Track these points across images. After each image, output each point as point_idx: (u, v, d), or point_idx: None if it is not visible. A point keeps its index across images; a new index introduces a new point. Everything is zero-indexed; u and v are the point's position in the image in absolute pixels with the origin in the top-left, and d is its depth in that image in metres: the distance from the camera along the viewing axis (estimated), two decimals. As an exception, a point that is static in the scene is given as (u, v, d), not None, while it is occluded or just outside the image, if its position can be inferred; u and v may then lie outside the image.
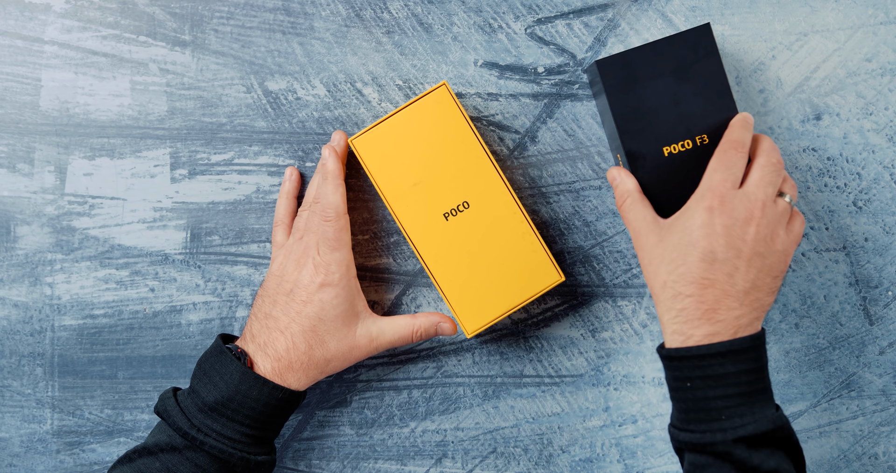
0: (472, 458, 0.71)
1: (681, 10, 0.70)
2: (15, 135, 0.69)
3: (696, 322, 0.56)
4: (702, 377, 0.55)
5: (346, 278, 0.63)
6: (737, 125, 0.62)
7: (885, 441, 0.71)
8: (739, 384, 0.55)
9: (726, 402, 0.55)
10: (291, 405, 0.62)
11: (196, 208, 0.70)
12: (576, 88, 0.70)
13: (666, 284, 0.58)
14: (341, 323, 0.63)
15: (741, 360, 0.55)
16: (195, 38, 0.70)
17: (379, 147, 0.64)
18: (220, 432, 0.60)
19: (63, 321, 0.70)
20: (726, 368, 0.55)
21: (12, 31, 0.69)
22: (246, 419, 0.60)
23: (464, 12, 0.70)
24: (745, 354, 0.55)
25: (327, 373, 0.64)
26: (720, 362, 0.55)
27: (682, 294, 0.57)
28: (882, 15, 0.71)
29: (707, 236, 0.56)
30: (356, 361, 0.65)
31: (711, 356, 0.55)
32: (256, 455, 0.61)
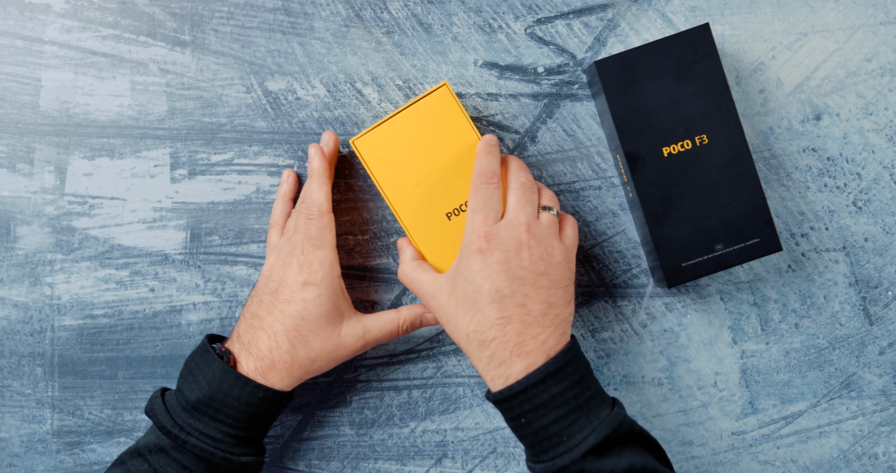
0: (472, 458, 0.71)
1: (681, 10, 0.70)
2: (15, 135, 0.69)
3: (509, 362, 0.56)
4: (531, 410, 0.56)
5: (328, 278, 0.62)
6: (482, 154, 0.62)
7: (885, 441, 0.71)
8: (567, 401, 0.55)
9: (562, 423, 0.55)
10: (276, 406, 0.61)
11: (196, 208, 0.70)
12: (576, 88, 0.70)
13: (468, 336, 0.58)
14: (325, 322, 0.62)
15: (560, 378, 0.56)
16: (195, 38, 0.70)
17: (381, 147, 0.64)
18: (202, 431, 0.59)
19: (63, 321, 0.70)
20: (550, 392, 0.55)
21: (12, 31, 0.69)
22: (228, 418, 0.59)
23: (464, 12, 0.70)
24: (561, 371, 0.56)
25: (312, 373, 0.63)
26: (541, 388, 0.55)
27: (486, 341, 0.57)
28: (882, 15, 0.71)
29: (487, 277, 0.57)
30: (342, 360, 0.64)
31: (531, 386, 0.55)
32: (240, 456, 0.60)
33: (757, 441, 0.71)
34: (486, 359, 0.57)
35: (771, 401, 0.71)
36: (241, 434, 0.60)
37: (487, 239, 0.58)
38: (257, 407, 0.60)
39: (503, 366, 0.56)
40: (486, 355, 0.57)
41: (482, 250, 0.58)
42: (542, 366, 0.55)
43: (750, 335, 0.71)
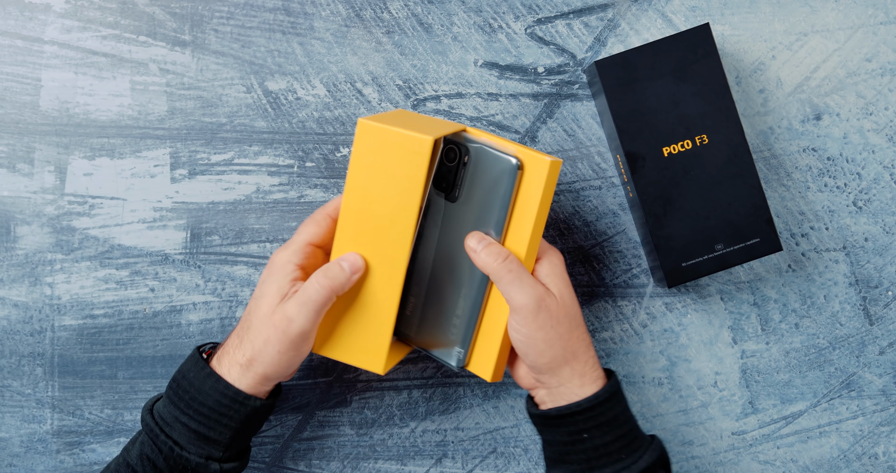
0: (472, 458, 0.71)
1: (681, 10, 0.70)
2: (15, 135, 0.69)
3: (598, 364, 0.61)
4: (596, 426, 0.58)
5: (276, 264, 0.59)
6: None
7: (885, 441, 0.71)
8: (627, 420, 0.60)
9: (622, 442, 0.59)
10: (229, 401, 0.58)
11: (196, 208, 0.70)
12: (576, 88, 0.70)
13: (580, 337, 0.60)
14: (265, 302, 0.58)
15: (620, 398, 0.60)
16: (195, 38, 0.70)
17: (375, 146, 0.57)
18: (160, 413, 0.59)
19: (63, 321, 0.70)
20: (614, 410, 0.59)
21: (12, 31, 0.69)
22: (180, 401, 0.59)
23: (464, 12, 0.70)
24: (619, 393, 0.60)
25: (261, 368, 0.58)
26: (611, 404, 0.59)
27: (590, 343, 0.61)
28: (882, 15, 0.71)
29: (574, 301, 0.60)
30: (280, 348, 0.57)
31: (606, 400, 0.59)
32: (183, 450, 0.58)
33: (757, 441, 0.71)
34: (593, 360, 0.60)
35: (771, 401, 0.71)
36: (191, 424, 0.58)
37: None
38: (207, 396, 0.58)
39: (598, 366, 0.60)
40: (592, 354, 0.60)
41: (567, 283, 0.61)
42: (611, 383, 0.59)
43: (750, 334, 0.71)
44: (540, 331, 0.58)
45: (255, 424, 0.61)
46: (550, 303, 0.58)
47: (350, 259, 0.58)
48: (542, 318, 0.58)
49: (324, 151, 0.70)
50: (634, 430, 0.60)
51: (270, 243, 0.70)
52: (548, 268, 0.60)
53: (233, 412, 0.58)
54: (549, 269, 0.60)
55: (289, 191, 0.70)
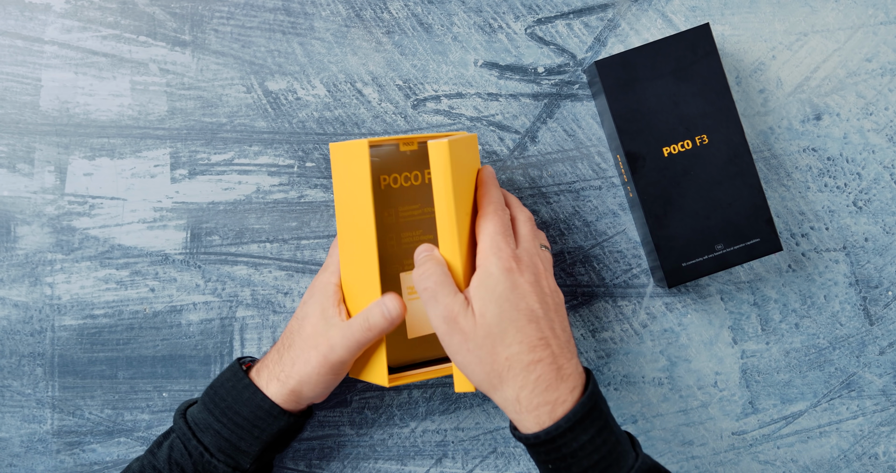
0: (472, 458, 0.71)
1: (681, 10, 0.70)
2: (15, 135, 0.69)
3: (555, 385, 0.53)
4: (559, 458, 0.53)
5: (317, 287, 0.62)
6: (491, 185, 0.59)
7: (885, 441, 0.71)
8: (599, 446, 0.53)
9: (595, 470, 0.53)
10: (264, 413, 0.59)
11: (196, 208, 0.70)
12: (576, 88, 0.70)
13: (510, 359, 0.52)
14: (309, 328, 0.60)
15: (593, 419, 0.53)
16: (195, 38, 0.70)
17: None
18: (194, 418, 0.60)
19: (63, 321, 0.70)
20: (588, 433, 0.52)
21: (12, 31, 0.69)
22: (216, 408, 0.60)
23: (464, 12, 0.70)
24: (594, 411, 0.53)
25: (297, 387, 0.59)
26: (590, 421, 0.53)
27: (532, 362, 0.52)
28: (882, 15, 0.71)
29: (522, 296, 0.53)
30: (319, 370, 0.59)
31: (585, 415, 0.52)
32: (213, 457, 0.59)
33: (757, 441, 0.71)
34: (532, 383, 0.52)
35: (771, 401, 0.71)
36: (224, 432, 0.59)
37: (516, 260, 0.55)
38: (242, 405, 0.59)
39: (549, 390, 0.52)
40: (533, 378, 0.52)
41: (511, 269, 0.54)
42: (587, 397, 0.53)
43: (750, 334, 0.71)
44: (456, 354, 0.54)
45: (283, 442, 0.62)
46: (465, 324, 0.53)
47: (389, 307, 0.58)
48: (455, 341, 0.53)
49: (324, 151, 0.70)
50: (611, 455, 0.53)
51: (270, 243, 0.70)
52: (477, 279, 0.54)
53: (266, 424, 0.59)
54: (478, 280, 0.54)
55: (289, 191, 0.70)
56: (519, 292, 0.54)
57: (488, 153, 0.70)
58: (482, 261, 0.55)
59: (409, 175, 0.63)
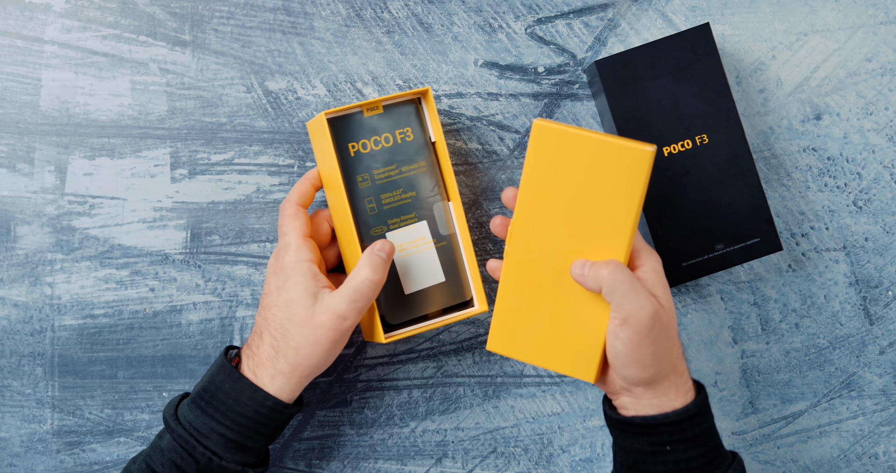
0: (472, 458, 0.71)
1: (681, 10, 0.70)
2: (15, 135, 0.69)
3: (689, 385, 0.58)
4: (682, 440, 0.56)
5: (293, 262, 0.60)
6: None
7: (885, 441, 0.71)
8: (713, 437, 0.57)
9: (706, 458, 0.56)
10: (269, 410, 0.59)
11: (196, 208, 0.70)
12: (576, 88, 0.70)
13: (679, 350, 0.58)
14: (297, 307, 0.59)
15: (708, 413, 0.58)
16: (195, 37, 0.70)
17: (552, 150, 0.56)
18: (191, 423, 0.59)
19: (63, 321, 0.70)
20: (702, 425, 0.57)
21: (12, 31, 0.69)
22: (216, 412, 0.59)
23: (464, 12, 0.70)
24: (707, 407, 0.58)
25: (306, 369, 0.59)
26: (701, 418, 0.57)
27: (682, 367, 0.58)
28: (882, 15, 0.71)
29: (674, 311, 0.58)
30: (331, 348, 0.59)
31: (698, 413, 0.56)
32: (223, 460, 0.58)
33: (757, 441, 0.71)
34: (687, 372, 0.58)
35: (771, 401, 0.71)
36: (228, 435, 0.59)
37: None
38: (245, 406, 0.59)
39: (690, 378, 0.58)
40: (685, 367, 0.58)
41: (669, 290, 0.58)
42: (698, 398, 0.57)
43: (750, 334, 0.71)
44: (651, 347, 0.55)
45: (284, 427, 0.63)
46: (663, 317, 0.55)
47: (383, 247, 0.60)
48: (655, 333, 0.55)
49: (324, 150, 0.70)
50: (718, 447, 0.57)
51: (270, 243, 0.70)
52: (652, 276, 0.57)
53: (271, 421, 0.59)
54: (653, 277, 0.56)
55: (289, 191, 0.70)
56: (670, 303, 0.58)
57: (488, 153, 0.70)
58: (641, 255, 0.57)
59: (380, 138, 0.64)
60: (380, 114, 0.65)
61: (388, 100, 0.65)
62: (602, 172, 0.55)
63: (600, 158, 0.55)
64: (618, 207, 0.56)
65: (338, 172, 0.62)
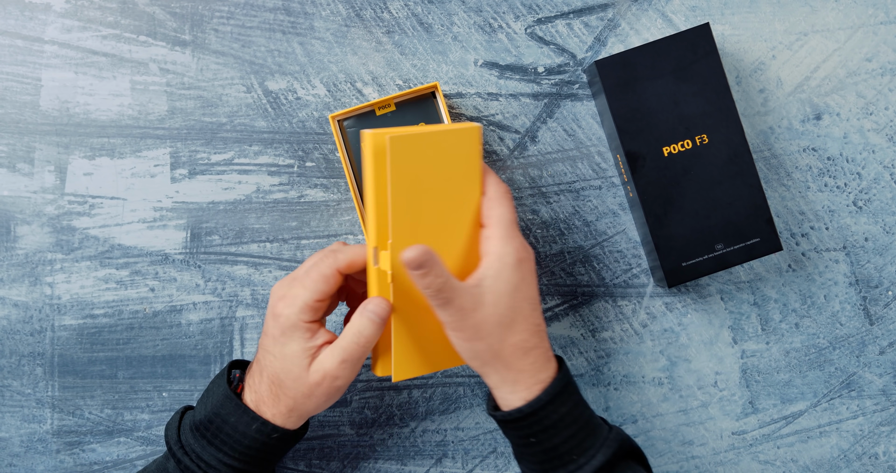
0: (472, 458, 0.71)
1: (681, 10, 0.70)
2: (15, 135, 0.69)
3: (546, 365, 0.57)
4: (541, 430, 0.56)
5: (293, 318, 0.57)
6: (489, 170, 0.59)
7: (885, 441, 0.71)
8: (576, 419, 0.57)
9: (573, 442, 0.56)
10: (275, 441, 0.58)
11: (196, 208, 0.70)
12: (576, 88, 0.70)
13: (515, 345, 0.56)
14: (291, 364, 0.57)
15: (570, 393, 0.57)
16: (195, 37, 0.70)
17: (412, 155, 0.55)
18: (198, 454, 0.58)
19: (63, 321, 0.70)
20: (566, 406, 0.56)
21: (12, 31, 0.69)
22: (223, 445, 0.58)
23: (464, 12, 0.70)
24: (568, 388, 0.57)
25: (305, 413, 0.59)
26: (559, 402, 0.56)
27: (529, 349, 0.57)
28: (882, 15, 0.71)
29: (529, 286, 0.57)
30: (325, 399, 0.58)
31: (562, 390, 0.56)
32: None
33: (757, 441, 0.71)
34: (529, 367, 0.56)
35: (771, 401, 0.71)
36: (237, 466, 0.58)
37: (525, 249, 0.57)
38: (253, 439, 0.58)
39: (542, 372, 0.57)
40: (530, 362, 0.57)
41: (522, 260, 0.56)
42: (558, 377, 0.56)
43: (750, 334, 0.71)
44: (466, 342, 0.56)
45: None
46: (478, 317, 0.55)
47: (377, 311, 0.56)
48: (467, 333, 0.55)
49: (324, 151, 0.70)
50: (587, 427, 0.57)
51: (270, 243, 0.70)
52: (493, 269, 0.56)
53: (278, 450, 0.60)
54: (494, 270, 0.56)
55: (289, 191, 0.70)
56: (527, 281, 0.57)
57: (488, 153, 0.70)
58: (496, 249, 0.56)
59: None
60: (392, 111, 0.66)
61: (401, 97, 0.66)
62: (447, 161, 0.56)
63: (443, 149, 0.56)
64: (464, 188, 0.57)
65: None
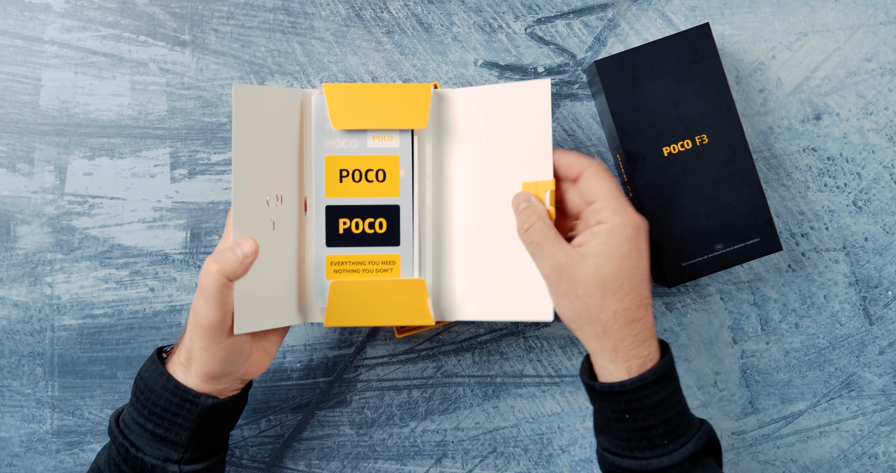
0: (472, 458, 0.71)
1: (681, 10, 0.70)
2: (15, 135, 0.69)
3: (649, 341, 0.56)
4: (639, 409, 0.56)
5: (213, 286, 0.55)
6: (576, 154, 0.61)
7: (885, 441, 0.71)
8: (675, 404, 0.56)
9: (667, 426, 0.56)
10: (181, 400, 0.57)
11: (196, 208, 0.70)
12: (576, 88, 0.70)
13: (617, 313, 0.56)
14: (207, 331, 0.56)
15: (671, 378, 0.57)
16: (195, 37, 0.70)
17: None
18: (123, 416, 0.59)
19: (63, 321, 0.70)
20: (668, 389, 0.56)
21: (12, 31, 0.69)
22: (137, 401, 0.58)
23: (464, 12, 0.70)
24: (672, 371, 0.57)
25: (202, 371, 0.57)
26: (664, 383, 0.56)
27: (634, 319, 0.56)
28: (882, 15, 0.71)
29: (641, 256, 0.57)
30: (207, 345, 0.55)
31: (667, 373, 0.56)
32: (139, 451, 0.57)
33: (757, 441, 0.71)
34: (632, 338, 0.56)
35: (771, 401, 0.71)
36: (149, 427, 0.57)
37: (641, 221, 0.57)
38: (158, 395, 0.57)
39: (644, 345, 0.56)
40: (633, 333, 0.56)
41: (639, 229, 0.57)
42: (651, 370, 0.56)
43: (750, 334, 0.71)
44: (563, 299, 0.56)
45: (219, 423, 0.59)
46: (577, 272, 0.55)
47: (243, 244, 0.55)
48: (564, 287, 0.56)
49: (324, 150, 0.70)
50: (682, 415, 0.57)
51: (270, 243, 0.70)
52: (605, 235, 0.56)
53: (185, 411, 0.57)
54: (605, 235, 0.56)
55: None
56: (640, 251, 0.57)
57: (488, 153, 0.70)
58: (611, 217, 0.57)
59: None
60: None
61: None
62: None
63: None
64: None
65: None
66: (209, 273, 0.54)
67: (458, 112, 0.63)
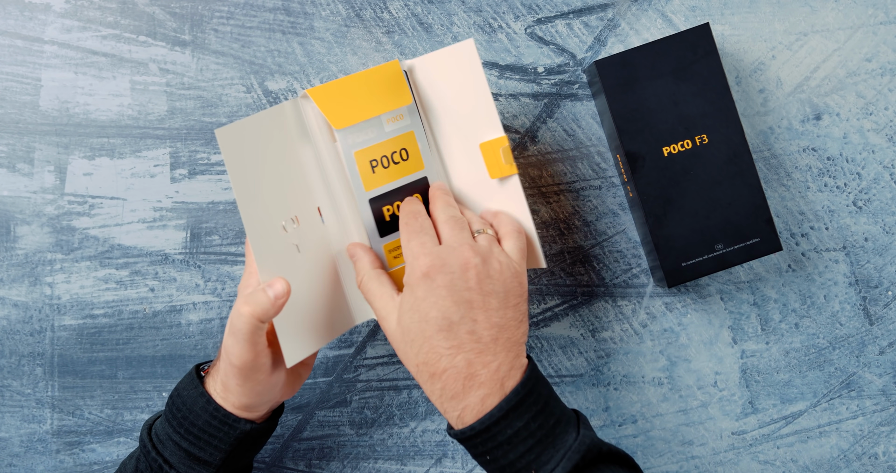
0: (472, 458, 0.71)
1: (681, 10, 0.70)
2: (15, 135, 0.69)
3: (462, 395, 0.53)
4: (495, 447, 0.53)
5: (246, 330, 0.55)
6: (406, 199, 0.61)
7: (885, 441, 0.71)
8: (532, 433, 0.53)
9: (528, 457, 0.52)
10: (219, 423, 0.57)
11: (196, 208, 0.70)
12: (576, 88, 0.70)
13: (418, 367, 0.54)
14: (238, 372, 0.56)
15: (522, 411, 0.53)
16: (195, 37, 0.70)
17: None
18: (156, 429, 0.59)
19: (63, 321, 0.70)
20: (512, 427, 0.52)
21: (12, 31, 0.69)
22: (174, 419, 0.58)
23: (464, 12, 0.70)
24: (522, 404, 0.53)
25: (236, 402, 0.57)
26: (504, 424, 0.52)
27: (436, 373, 0.53)
28: (882, 15, 0.71)
29: (434, 304, 0.54)
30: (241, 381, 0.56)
31: (493, 424, 0.52)
32: (171, 468, 0.57)
33: (757, 441, 0.71)
34: (438, 392, 0.54)
35: (771, 401, 0.71)
36: (184, 445, 0.57)
37: (430, 263, 0.54)
38: (197, 416, 0.57)
39: (456, 399, 0.53)
40: (438, 387, 0.54)
41: (427, 275, 0.54)
42: (502, 402, 0.53)
43: (750, 334, 0.71)
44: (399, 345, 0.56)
45: (251, 446, 0.60)
46: (387, 328, 0.56)
47: (275, 285, 0.55)
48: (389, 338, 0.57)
49: (324, 150, 0.70)
50: (547, 439, 0.53)
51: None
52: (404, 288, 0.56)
53: (222, 433, 0.57)
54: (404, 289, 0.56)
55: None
56: (432, 299, 0.54)
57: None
58: (406, 273, 0.56)
59: None
60: None
61: None
62: None
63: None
64: None
65: None
66: (241, 316, 0.54)
67: (420, 82, 0.63)
